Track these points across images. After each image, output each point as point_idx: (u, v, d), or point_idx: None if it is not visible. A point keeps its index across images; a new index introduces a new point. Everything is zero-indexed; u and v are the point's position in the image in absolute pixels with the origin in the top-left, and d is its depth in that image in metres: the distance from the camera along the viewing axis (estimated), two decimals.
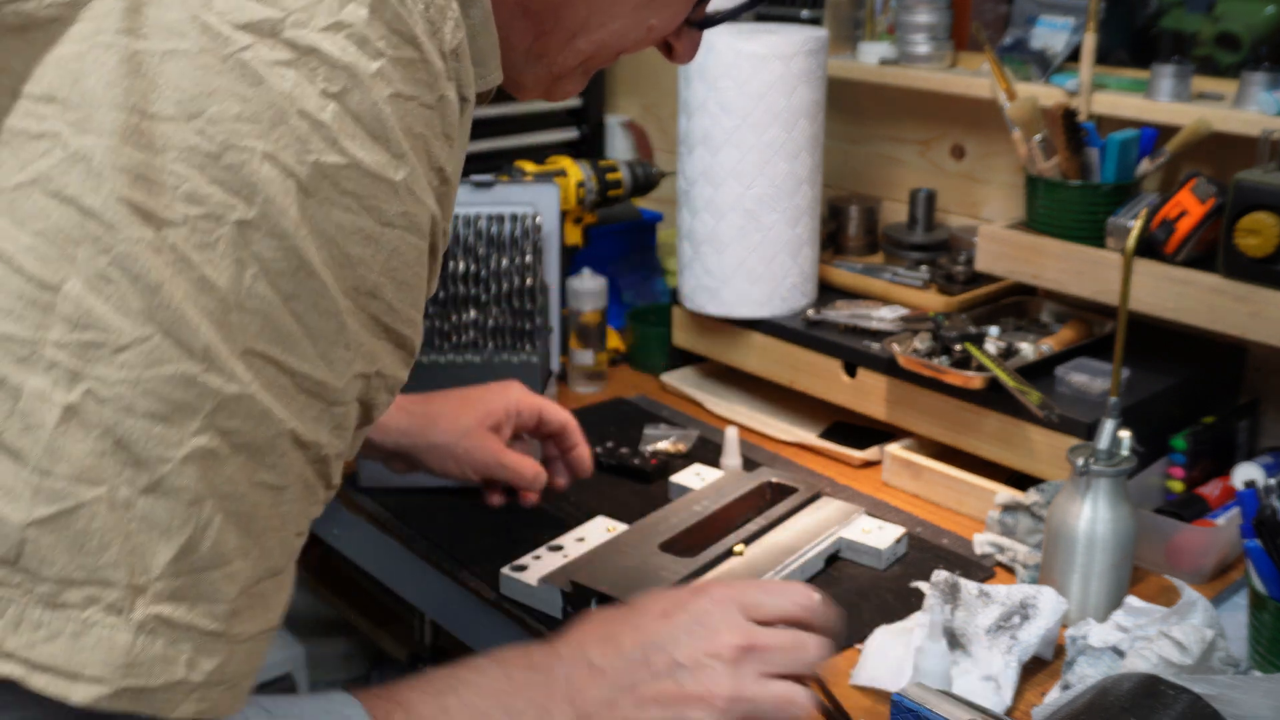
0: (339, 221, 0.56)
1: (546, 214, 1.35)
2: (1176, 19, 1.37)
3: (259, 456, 0.56)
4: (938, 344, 1.29)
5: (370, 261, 0.58)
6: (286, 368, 0.56)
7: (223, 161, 0.54)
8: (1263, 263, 1.11)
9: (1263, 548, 0.94)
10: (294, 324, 0.56)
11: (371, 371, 0.61)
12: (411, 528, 1.20)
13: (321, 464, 0.60)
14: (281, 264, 0.55)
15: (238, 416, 0.55)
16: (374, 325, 0.60)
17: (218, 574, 0.55)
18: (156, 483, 0.53)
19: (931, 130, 1.59)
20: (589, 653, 0.77)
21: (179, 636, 0.54)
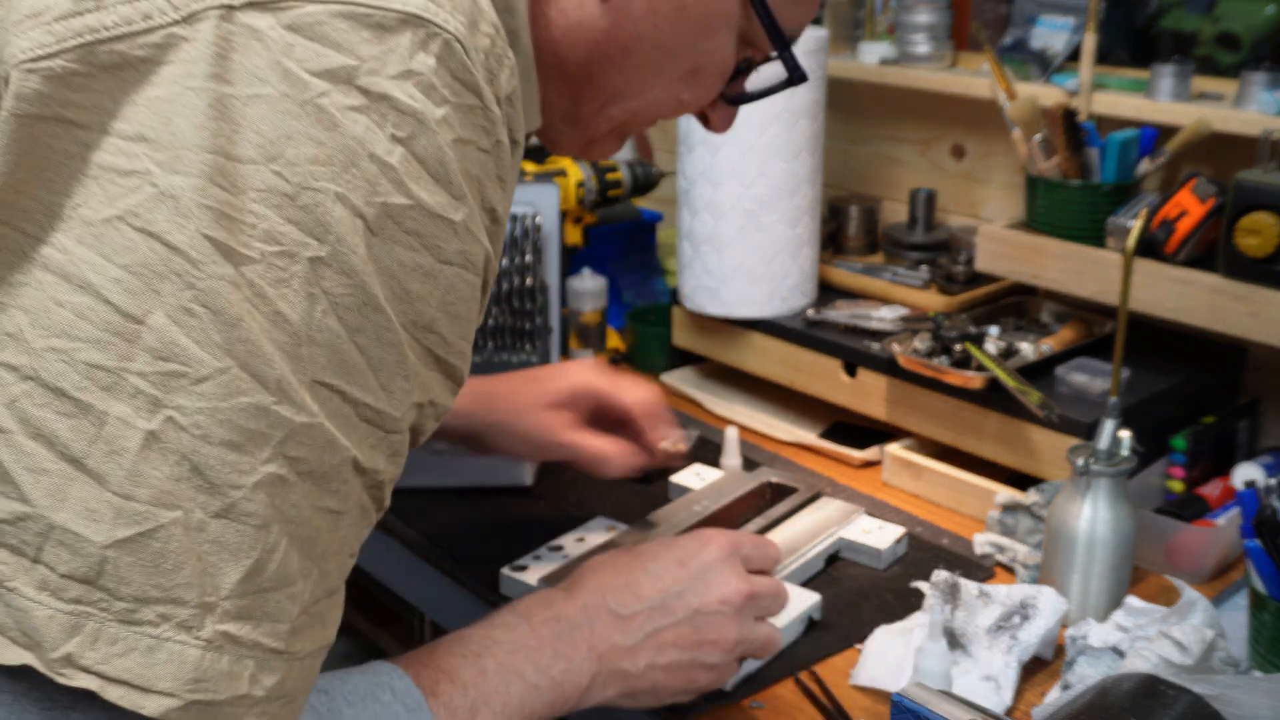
0: (401, 259, 0.59)
1: (546, 214, 1.35)
2: (1176, 19, 1.37)
3: (323, 483, 0.59)
4: (938, 344, 1.29)
5: (429, 297, 0.61)
6: (350, 398, 0.59)
7: (299, 202, 0.56)
8: (1263, 263, 1.11)
9: (1263, 548, 0.94)
10: (359, 356, 0.59)
11: (425, 401, 0.64)
12: (411, 528, 1.20)
13: (377, 489, 0.63)
14: (349, 299, 0.58)
15: (305, 445, 0.58)
16: (428, 357, 0.63)
17: (282, 595, 0.58)
18: (229, 507, 0.56)
19: (931, 130, 1.59)
20: (609, 600, 0.84)
21: (244, 653, 0.57)
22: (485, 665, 0.77)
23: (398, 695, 0.72)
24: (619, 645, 0.83)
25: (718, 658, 0.86)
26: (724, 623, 0.86)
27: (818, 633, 1.02)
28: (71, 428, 0.54)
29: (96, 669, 0.54)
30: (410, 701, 0.72)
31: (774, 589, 0.90)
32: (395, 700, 0.71)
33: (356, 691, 0.71)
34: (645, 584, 0.85)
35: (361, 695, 0.71)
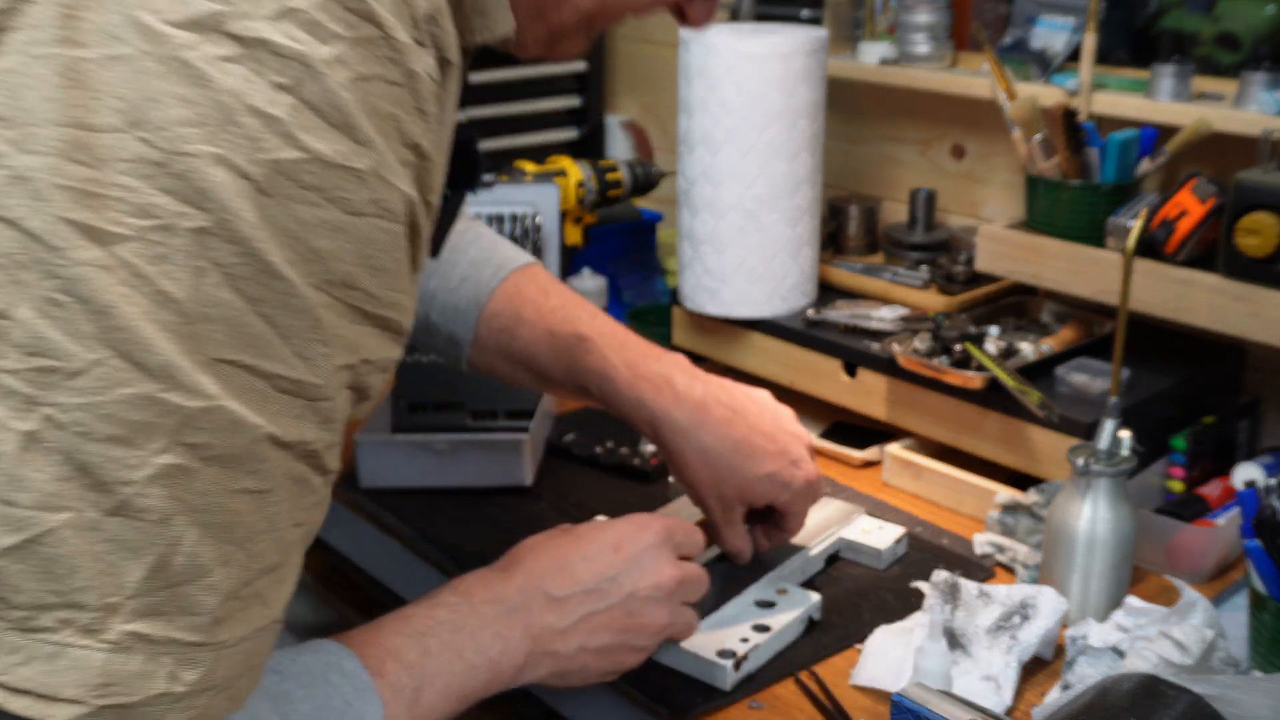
0: (302, 217, 0.55)
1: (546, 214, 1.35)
2: (1176, 19, 1.37)
3: (235, 465, 0.55)
4: (938, 344, 1.29)
5: (340, 253, 0.57)
6: (260, 371, 0.55)
7: (171, 169, 0.52)
8: (1263, 263, 1.11)
9: (1263, 548, 0.94)
10: (264, 327, 0.55)
11: (356, 361, 0.60)
12: (411, 528, 1.20)
13: (312, 458, 0.59)
14: (243, 269, 0.54)
15: (206, 430, 0.54)
16: (354, 314, 0.59)
17: (194, 587, 0.55)
18: (121, 504, 0.53)
19: (931, 130, 1.59)
20: (545, 583, 0.84)
21: (158, 651, 0.54)
22: (429, 645, 0.76)
23: (347, 676, 0.70)
24: (553, 627, 0.83)
25: (646, 641, 0.88)
26: (655, 608, 0.88)
27: (818, 633, 1.02)
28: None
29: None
30: (359, 683, 0.71)
31: (700, 575, 0.93)
32: (345, 682, 0.70)
33: (308, 672, 0.69)
34: (580, 567, 0.86)
35: (312, 676, 0.69)
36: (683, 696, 0.94)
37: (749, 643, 0.97)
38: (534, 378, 1.06)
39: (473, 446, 1.26)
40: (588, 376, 1.01)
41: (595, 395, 1.02)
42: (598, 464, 1.31)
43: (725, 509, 1.02)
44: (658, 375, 1.01)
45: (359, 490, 1.27)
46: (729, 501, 1.02)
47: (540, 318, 1.04)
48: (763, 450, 1.01)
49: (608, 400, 1.02)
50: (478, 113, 1.82)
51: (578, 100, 1.95)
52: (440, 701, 0.76)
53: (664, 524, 0.91)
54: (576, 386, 1.03)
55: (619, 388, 1.00)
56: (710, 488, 1.01)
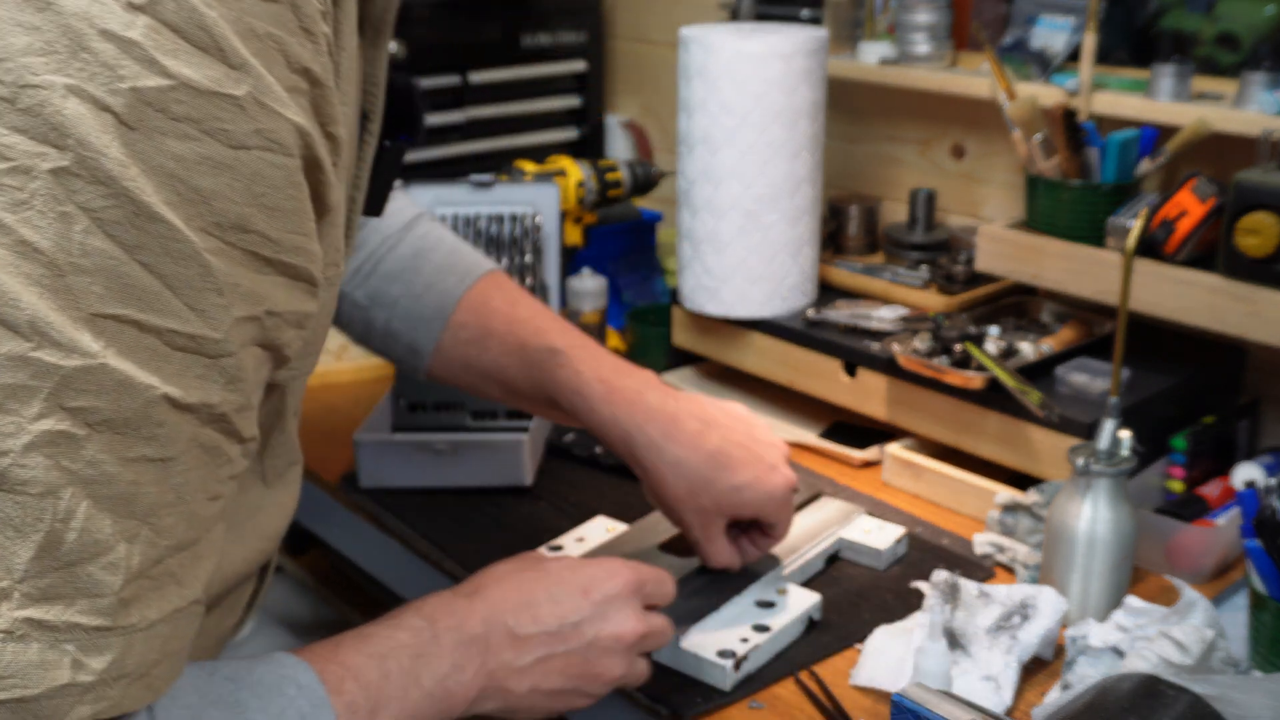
0: (177, 153, 0.50)
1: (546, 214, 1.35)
2: (1176, 19, 1.37)
3: (128, 430, 0.51)
4: (938, 344, 1.29)
5: (227, 192, 0.52)
6: (149, 327, 0.51)
7: (19, 104, 0.47)
8: (1263, 263, 1.11)
9: (1263, 548, 0.94)
10: (147, 277, 0.50)
11: (260, 312, 0.55)
12: (411, 528, 1.20)
13: (221, 422, 0.55)
14: (114, 212, 0.49)
15: (88, 392, 0.49)
16: (252, 260, 0.54)
17: (94, 565, 0.51)
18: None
19: (931, 130, 1.59)
20: (509, 618, 0.80)
21: (58, 637, 0.50)
22: (388, 668, 0.73)
23: (303, 690, 0.66)
24: (509, 665, 0.80)
25: (598, 689, 0.85)
26: (613, 659, 0.85)
27: (818, 633, 1.02)
28: None
29: None
30: (315, 698, 0.67)
31: (663, 628, 0.90)
32: (300, 695, 0.66)
33: (262, 683, 0.65)
34: (546, 607, 0.82)
35: (267, 687, 0.65)
36: (683, 696, 0.94)
37: (749, 643, 0.97)
38: (501, 390, 1.03)
39: (473, 446, 1.26)
40: (559, 390, 0.99)
41: (565, 409, 1.00)
42: (597, 464, 1.31)
43: (704, 523, 0.99)
44: (630, 390, 0.98)
45: (359, 490, 1.27)
46: (707, 515, 0.98)
47: (510, 330, 1.01)
48: (737, 460, 0.97)
49: (579, 414, 0.99)
50: (478, 113, 1.82)
51: (578, 100, 1.95)
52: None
53: (635, 574, 0.87)
54: (545, 400, 1.01)
55: (592, 403, 0.97)
56: (687, 501, 0.97)
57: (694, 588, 1.04)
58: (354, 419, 1.37)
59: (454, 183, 1.36)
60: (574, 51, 1.91)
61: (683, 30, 1.38)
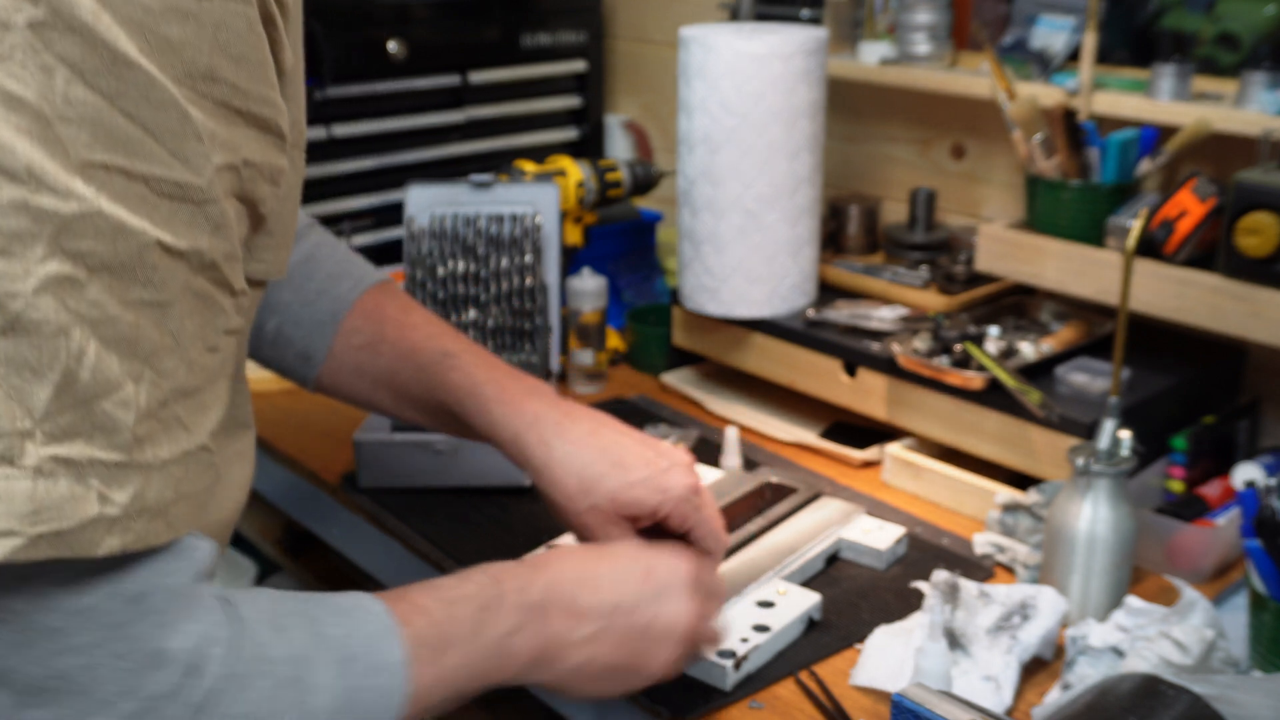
0: (144, 3, 0.51)
1: (546, 214, 1.34)
2: (1176, 19, 1.37)
3: (126, 274, 0.52)
4: (938, 344, 1.29)
5: (195, 41, 0.53)
6: (136, 174, 0.52)
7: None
8: (1263, 263, 1.11)
9: (1263, 548, 0.94)
10: (129, 125, 0.52)
11: (238, 161, 0.57)
12: (411, 528, 1.20)
13: (211, 270, 0.56)
14: (93, 61, 0.50)
15: (87, 236, 0.51)
16: (224, 111, 0.55)
17: (108, 403, 0.52)
18: (13, 321, 0.50)
19: (931, 130, 1.59)
20: (569, 590, 0.81)
21: (83, 472, 0.52)
22: (456, 613, 0.74)
23: (372, 615, 0.69)
24: (564, 636, 0.80)
25: (643, 675, 0.85)
26: (664, 646, 0.84)
27: (818, 633, 1.02)
28: None
29: None
30: (384, 624, 0.69)
31: (716, 631, 0.89)
32: (370, 619, 0.68)
33: (336, 604, 0.68)
34: (606, 583, 0.82)
35: (340, 608, 0.68)
36: (683, 696, 0.94)
37: (749, 643, 0.97)
38: (391, 397, 1.01)
39: (473, 446, 1.26)
40: (451, 392, 0.96)
41: (456, 412, 0.96)
42: None
43: (603, 526, 0.92)
44: (522, 390, 0.95)
45: (359, 490, 1.27)
46: (603, 516, 0.92)
47: (403, 334, 0.99)
48: (634, 454, 0.93)
49: (469, 416, 0.95)
50: (478, 113, 1.82)
51: (578, 100, 1.95)
52: (459, 669, 0.73)
53: (695, 566, 0.86)
54: (435, 405, 0.98)
55: (483, 403, 0.94)
56: (580, 499, 0.91)
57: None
58: (354, 419, 1.37)
59: (454, 183, 1.36)
60: (574, 51, 1.91)
61: (683, 30, 1.38)
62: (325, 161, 1.67)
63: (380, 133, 1.72)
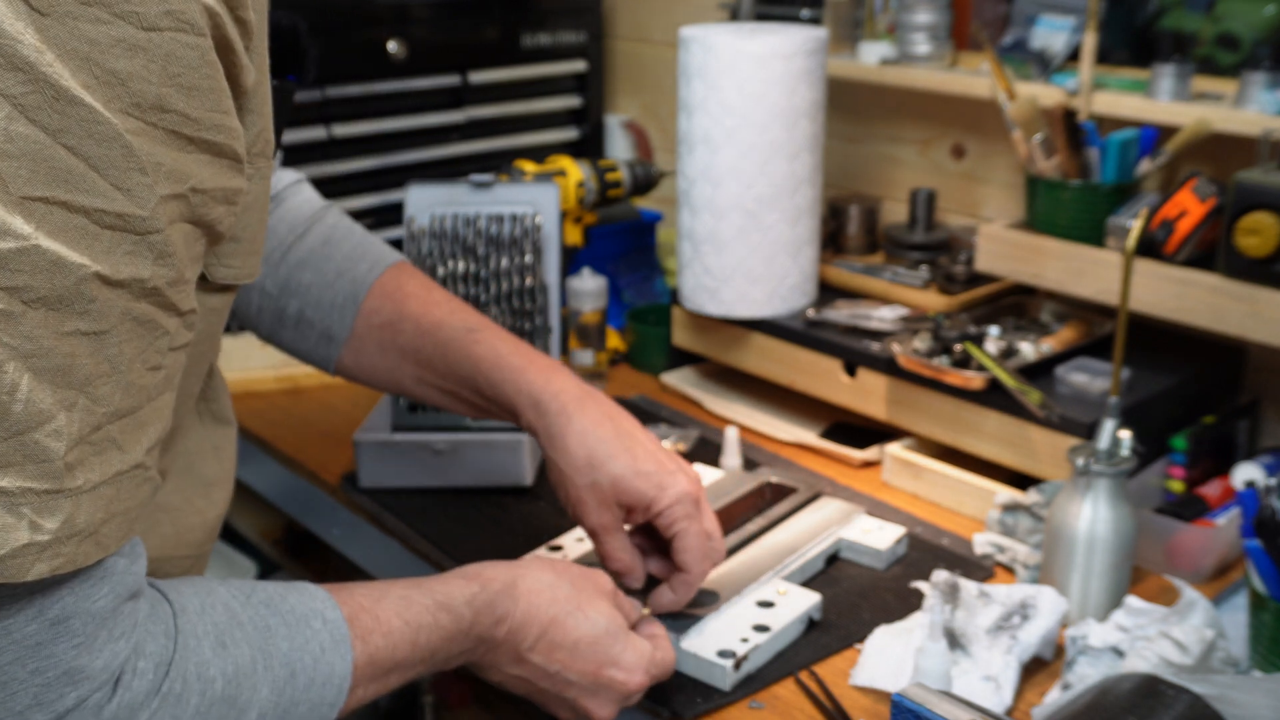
0: (91, 36, 0.51)
1: (546, 214, 1.34)
2: (1176, 19, 1.37)
3: (62, 306, 0.53)
4: (938, 344, 1.29)
5: (144, 74, 0.53)
6: (77, 206, 0.53)
7: None
8: (1263, 263, 1.11)
9: (1263, 548, 0.94)
10: (71, 159, 0.52)
11: (185, 190, 0.57)
12: (411, 528, 1.20)
13: (155, 295, 0.57)
14: (35, 97, 0.50)
15: (24, 271, 0.51)
16: (173, 139, 0.56)
17: (39, 433, 0.53)
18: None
19: (931, 130, 1.59)
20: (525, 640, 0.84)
21: (14, 502, 0.53)
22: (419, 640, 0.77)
23: (327, 624, 0.71)
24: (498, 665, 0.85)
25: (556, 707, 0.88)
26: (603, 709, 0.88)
27: (818, 633, 1.02)
28: None
29: None
30: (337, 635, 0.71)
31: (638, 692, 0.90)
32: (324, 629, 0.71)
33: (293, 611, 0.70)
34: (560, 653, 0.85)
35: (297, 616, 0.70)
36: (683, 696, 0.94)
37: (749, 643, 0.97)
38: (413, 372, 1.03)
39: (473, 446, 1.26)
40: (476, 364, 0.98)
41: (479, 383, 0.98)
42: None
43: (599, 506, 0.94)
44: (548, 364, 0.98)
45: (359, 490, 1.27)
46: (602, 495, 0.94)
47: (426, 310, 1.02)
48: (645, 448, 0.96)
49: (493, 385, 0.97)
50: (478, 113, 1.82)
51: (578, 100, 1.95)
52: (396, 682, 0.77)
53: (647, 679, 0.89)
54: (458, 378, 1.00)
55: (507, 372, 0.97)
56: (585, 473, 0.94)
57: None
58: (354, 419, 1.37)
59: (454, 183, 1.36)
60: (574, 51, 1.91)
61: (683, 30, 1.38)
62: (325, 161, 1.67)
63: (380, 133, 1.72)
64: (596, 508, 0.95)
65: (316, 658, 0.70)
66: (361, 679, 0.73)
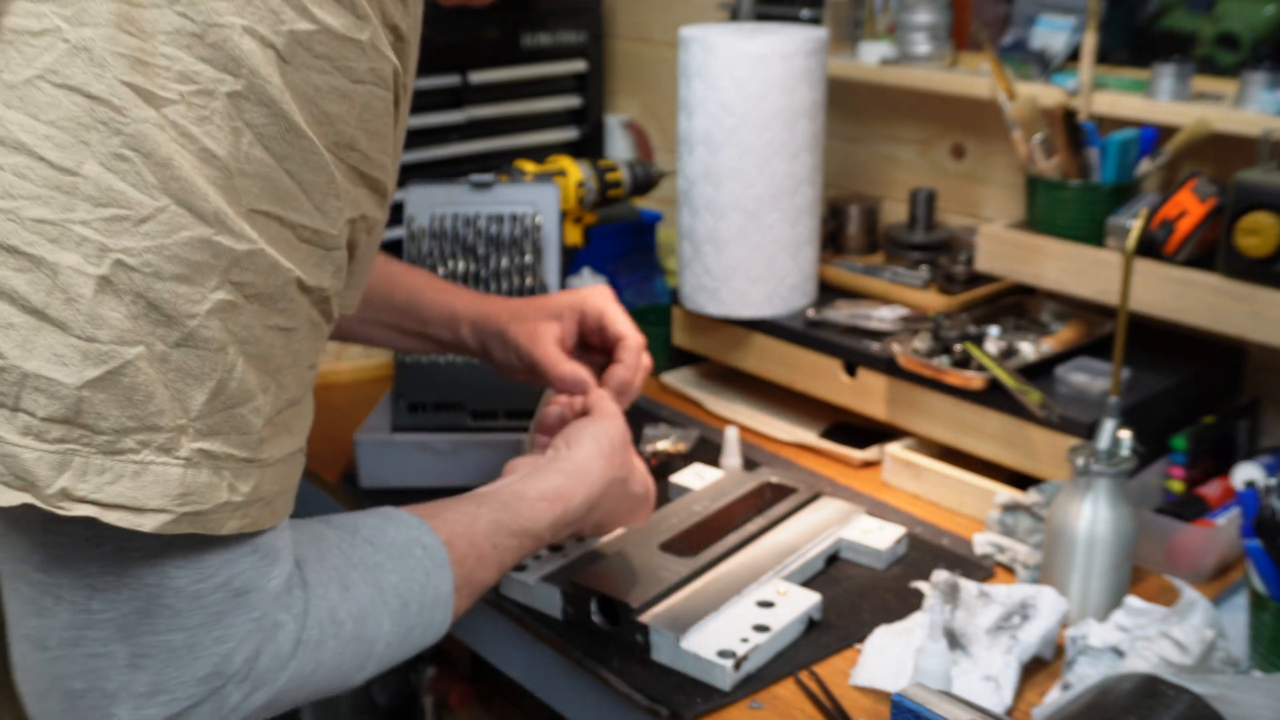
0: (316, 83, 0.62)
1: (546, 214, 1.34)
2: (1176, 19, 1.37)
3: (271, 303, 0.63)
4: (938, 344, 1.29)
5: (347, 117, 0.64)
6: (288, 222, 0.62)
7: (208, 40, 0.59)
8: (1263, 263, 1.11)
9: (1263, 548, 0.94)
10: (290, 182, 0.62)
11: (357, 216, 0.67)
12: None
13: (324, 304, 0.67)
14: (272, 128, 0.60)
15: (250, 270, 0.61)
16: (354, 174, 0.66)
17: (245, 409, 0.63)
18: (187, 336, 0.60)
19: (931, 130, 1.59)
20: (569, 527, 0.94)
21: (220, 465, 0.62)
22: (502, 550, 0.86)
23: (428, 551, 0.79)
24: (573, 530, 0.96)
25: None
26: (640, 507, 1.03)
27: (818, 633, 1.02)
28: (29, 281, 0.57)
29: (92, 498, 0.59)
30: (438, 560, 0.80)
31: None
32: (425, 556, 0.79)
33: (395, 544, 0.78)
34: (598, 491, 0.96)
35: (399, 548, 0.78)
36: (683, 696, 0.94)
37: (749, 643, 0.97)
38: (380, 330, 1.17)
39: (473, 446, 1.26)
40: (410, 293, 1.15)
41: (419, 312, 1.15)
42: None
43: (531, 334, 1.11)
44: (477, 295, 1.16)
45: (359, 490, 1.27)
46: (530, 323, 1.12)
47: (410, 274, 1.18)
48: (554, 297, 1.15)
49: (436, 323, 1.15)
50: (478, 113, 1.82)
51: (578, 100, 1.95)
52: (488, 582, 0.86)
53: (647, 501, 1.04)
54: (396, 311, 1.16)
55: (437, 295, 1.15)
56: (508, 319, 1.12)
57: (694, 588, 1.04)
58: (354, 419, 1.37)
59: (454, 183, 1.36)
60: (574, 51, 1.91)
61: (683, 30, 1.38)
62: None
63: None
64: (530, 337, 1.11)
65: (423, 584, 0.78)
66: (462, 597, 0.82)
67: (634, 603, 1.00)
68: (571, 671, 1.03)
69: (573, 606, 1.03)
